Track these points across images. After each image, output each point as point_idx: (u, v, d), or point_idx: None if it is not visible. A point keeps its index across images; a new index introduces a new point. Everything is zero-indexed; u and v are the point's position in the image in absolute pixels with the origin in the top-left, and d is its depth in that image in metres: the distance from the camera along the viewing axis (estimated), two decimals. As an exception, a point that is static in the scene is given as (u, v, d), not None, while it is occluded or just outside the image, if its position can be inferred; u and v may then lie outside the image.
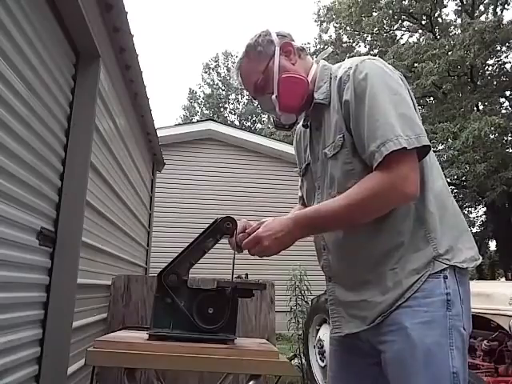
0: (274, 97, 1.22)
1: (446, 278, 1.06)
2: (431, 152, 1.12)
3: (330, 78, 1.21)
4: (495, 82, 16.70)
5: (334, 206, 1.07)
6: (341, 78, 1.14)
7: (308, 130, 1.32)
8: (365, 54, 19.40)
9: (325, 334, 3.71)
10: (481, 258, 1.16)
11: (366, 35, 19.78)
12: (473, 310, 1.14)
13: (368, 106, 1.06)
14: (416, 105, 1.15)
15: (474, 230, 19.18)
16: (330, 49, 1.59)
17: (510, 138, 15.35)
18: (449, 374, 1.00)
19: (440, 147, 15.09)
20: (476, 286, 3.24)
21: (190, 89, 30.67)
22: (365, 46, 20.46)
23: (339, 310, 1.22)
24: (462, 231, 1.14)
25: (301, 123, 1.37)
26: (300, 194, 1.46)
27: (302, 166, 1.36)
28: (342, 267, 1.20)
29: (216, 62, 30.26)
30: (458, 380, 1.00)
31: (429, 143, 1.04)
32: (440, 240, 1.08)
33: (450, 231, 1.11)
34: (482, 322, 2.72)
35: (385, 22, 18.63)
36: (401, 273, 1.07)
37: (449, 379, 1.00)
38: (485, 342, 2.64)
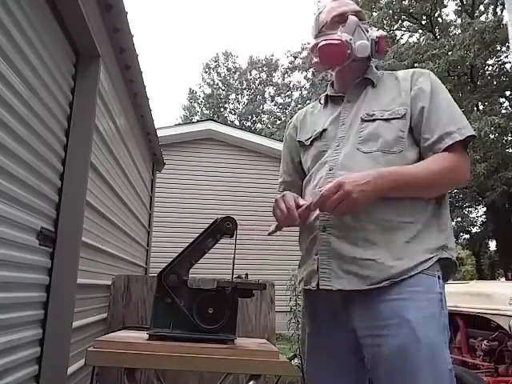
0: (375, 34, 1.31)
1: (439, 277, 1.14)
2: None
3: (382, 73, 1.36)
4: (495, 82, 16.70)
5: (416, 171, 1.16)
6: (414, 71, 1.30)
7: (328, 104, 1.41)
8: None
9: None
10: None
11: (366, 35, 19.75)
12: (473, 309, 1.16)
13: (445, 98, 1.24)
14: None
15: (474, 230, 19.16)
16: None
17: (510, 138, 15.35)
18: (447, 371, 1.04)
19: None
20: (476, 286, 3.24)
21: (190, 89, 30.67)
22: (365, 46, 20.43)
23: (331, 262, 1.17)
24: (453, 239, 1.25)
25: (310, 106, 1.50)
26: (281, 179, 1.51)
27: (313, 134, 1.38)
28: (351, 223, 1.16)
29: (216, 61, 30.26)
30: (452, 377, 1.05)
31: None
32: (448, 235, 1.18)
33: (451, 233, 1.21)
34: (481, 322, 2.72)
35: (385, 22, 18.61)
36: (415, 248, 1.12)
37: (448, 375, 1.04)
38: (485, 342, 2.64)
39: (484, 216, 18.86)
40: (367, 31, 1.31)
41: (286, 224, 1.23)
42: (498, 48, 15.74)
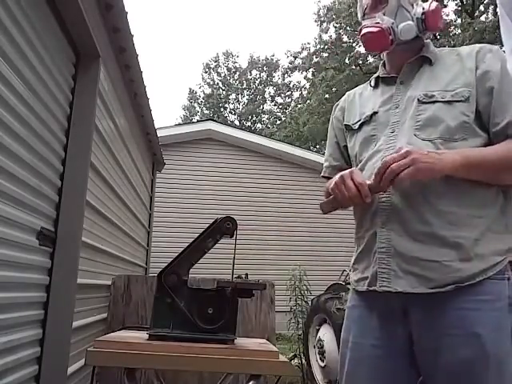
0: (420, 11, 1.20)
1: (509, 279, 1.02)
2: None
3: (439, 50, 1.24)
4: (495, 82, 16.70)
5: (488, 152, 1.06)
6: (481, 47, 1.16)
7: (379, 85, 1.30)
8: (365, 54, 19.39)
9: (325, 333, 3.71)
10: None
11: (366, 35, 19.75)
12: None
13: None
14: None
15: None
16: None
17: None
18: None
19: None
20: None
21: (190, 89, 30.66)
22: (365, 46, 20.43)
23: (391, 261, 1.07)
24: None
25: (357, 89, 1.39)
26: (327, 163, 1.40)
27: (362, 116, 1.28)
28: (413, 217, 1.06)
29: (216, 61, 30.26)
30: None
31: None
32: None
33: None
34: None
35: (385, 21, 18.59)
36: (485, 247, 1.02)
37: None
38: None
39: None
40: (412, 7, 1.20)
41: (352, 202, 1.10)
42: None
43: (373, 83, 1.33)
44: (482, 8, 17.88)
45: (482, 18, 16.40)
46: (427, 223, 1.04)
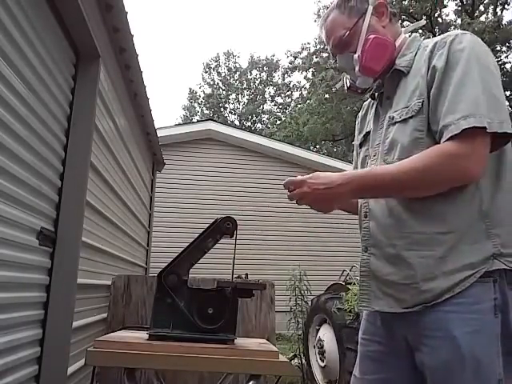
0: (356, 56, 1.17)
1: (495, 281, 0.99)
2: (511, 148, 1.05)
3: (418, 49, 1.16)
4: (495, 82, 16.69)
5: (393, 169, 1.03)
6: (436, 43, 1.08)
7: (375, 101, 1.27)
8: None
9: (325, 333, 3.71)
10: None
11: (366, 35, 19.75)
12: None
13: (458, 77, 1.00)
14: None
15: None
16: (424, 21, 1.58)
17: (510, 138, 15.34)
18: (496, 382, 0.96)
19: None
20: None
21: (190, 89, 30.66)
22: (365, 46, 20.42)
23: (370, 283, 1.14)
24: None
25: (368, 95, 1.33)
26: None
27: (361, 135, 1.31)
28: (384, 238, 1.10)
29: (216, 61, 30.25)
30: None
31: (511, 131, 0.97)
32: (504, 239, 1.00)
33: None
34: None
35: (385, 22, 18.60)
36: (452, 264, 0.99)
37: None
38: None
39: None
40: (354, 52, 1.17)
41: None
42: (498, 48, 15.75)
43: (373, 92, 1.30)
44: (482, 8, 17.88)
45: (482, 18, 16.40)
46: (394, 246, 1.07)
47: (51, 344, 1.94)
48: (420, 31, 18.88)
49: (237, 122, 28.98)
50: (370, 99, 1.34)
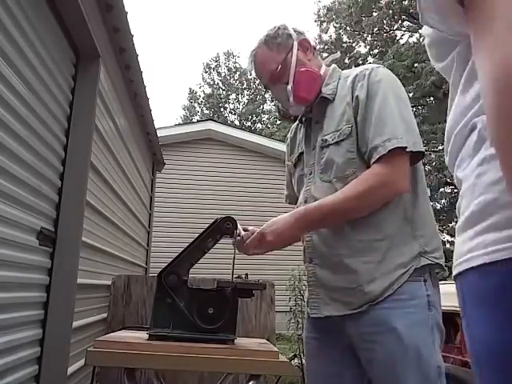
0: (289, 87, 1.28)
1: (425, 281, 1.15)
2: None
3: (339, 79, 1.31)
4: (495, 82, 16.67)
5: (334, 200, 1.15)
6: (357, 75, 1.24)
7: (304, 124, 1.39)
8: (365, 54, 19.40)
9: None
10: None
11: (366, 35, 19.76)
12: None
13: (379, 105, 1.16)
14: None
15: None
16: (339, 53, 1.71)
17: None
18: (435, 368, 1.09)
19: (440, 147, 15.09)
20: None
21: (190, 89, 30.65)
22: (365, 46, 20.43)
23: (319, 291, 1.24)
24: (439, 239, 1.24)
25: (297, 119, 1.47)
26: (286, 192, 1.53)
27: (294, 156, 1.42)
28: (327, 249, 1.22)
29: (217, 61, 30.25)
30: (440, 371, 1.10)
31: (423, 150, 1.16)
32: (427, 239, 1.17)
33: (434, 234, 1.21)
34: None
35: (385, 22, 18.61)
36: (388, 265, 1.14)
37: (435, 372, 1.09)
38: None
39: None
40: (286, 83, 1.28)
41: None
42: (498, 48, 15.73)
43: (301, 119, 1.43)
44: (481, 8, 17.85)
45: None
46: (338, 255, 1.19)
47: (51, 344, 1.94)
48: (420, 31, 18.89)
49: (237, 122, 28.98)
50: (297, 122, 1.47)
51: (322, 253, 1.24)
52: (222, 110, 29.86)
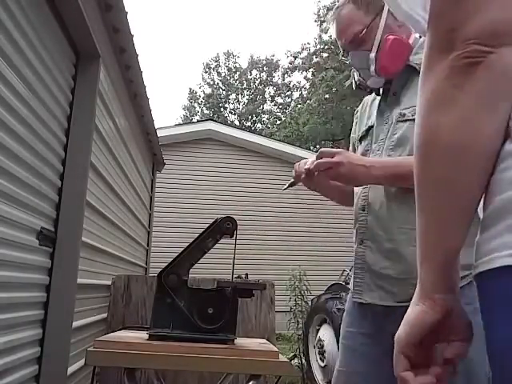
0: (372, 55, 1.15)
1: (478, 286, 1.05)
2: None
3: None
4: (495, 82, 16.68)
5: (407, 162, 1.02)
6: None
7: (380, 96, 1.25)
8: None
9: (325, 333, 3.71)
10: None
11: (365, 35, 19.74)
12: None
13: None
14: None
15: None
16: None
17: (510, 138, 15.35)
18: (485, 378, 1.00)
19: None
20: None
21: (190, 89, 30.65)
22: (365, 46, 20.43)
23: (364, 275, 1.16)
24: None
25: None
26: None
27: (362, 130, 1.31)
28: (382, 234, 1.12)
29: (216, 61, 30.25)
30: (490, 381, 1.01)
31: None
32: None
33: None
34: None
35: (385, 22, 18.59)
36: None
37: (485, 381, 1.00)
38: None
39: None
40: (369, 50, 1.16)
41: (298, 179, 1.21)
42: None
43: (377, 91, 1.29)
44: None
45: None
46: (393, 241, 1.09)
47: (51, 344, 1.94)
48: (420, 31, 18.89)
49: (237, 122, 28.97)
50: (373, 95, 1.33)
51: (375, 235, 1.14)
52: (222, 110, 29.86)
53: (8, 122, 1.50)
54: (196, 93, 30.23)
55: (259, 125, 28.97)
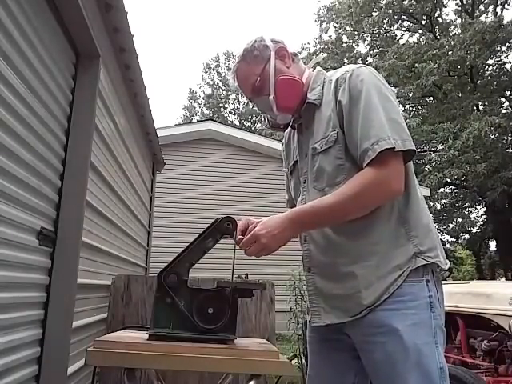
0: (271, 97, 1.28)
1: (428, 281, 1.14)
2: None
3: (324, 82, 1.29)
4: (495, 82, 16.69)
5: (329, 201, 1.13)
6: (338, 79, 1.22)
7: (296, 130, 1.38)
8: (365, 54, 19.38)
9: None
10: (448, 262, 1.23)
11: (365, 35, 19.77)
12: (473, 309, 1.15)
13: (362, 108, 1.14)
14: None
15: (474, 230, 19.13)
16: (321, 55, 1.69)
17: (510, 138, 15.35)
18: (437, 370, 1.08)
19: (440, 147, 15.09)
20: (476, 286, 3.24)
21: (190, 89, 30.72)
22: (365, 46, 20.45)
23: (319, 300, 1.25)
24: (437, 237, 1.22)
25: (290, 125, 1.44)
26: (287, 197, 1.52)
27: (290, 164, 1.42)
28: (325, 258, 1.22)
29: (216, 61, 30.27)
30: (444, 373, 1.09)
31: (414, 148, 1.13)
32: (421, 239, 1.15)
33: (429, 233, 1.18)
34: (481, 322, 2.72)
35: (385, 21, 18.62)
36: (384, 268, 1.13)
37: (437, 374, 1.08)
38: (485, 342, 2.64)
39: (484, 216, 18.86)
40: (268, 94, 1.27)
41: None
42: (498, 48, 15.74)
43: (293, 123, 1.40)
44: (482, 8, 17.87)
45: (482, 18, 16.38)
46: (335, 264, 1.19)
47: (51, 344, 1.94)
48: (420, 31, 18.91)
49: (237, 122, 28.97)
50: (289, 128, 1.45)
51: (319, 262, 1.24)
52: (221, 110, 29.86)
53: (8, 121, 1.50)
54: (196, 93, 30.25)
55: (259, 125, 28.96)
